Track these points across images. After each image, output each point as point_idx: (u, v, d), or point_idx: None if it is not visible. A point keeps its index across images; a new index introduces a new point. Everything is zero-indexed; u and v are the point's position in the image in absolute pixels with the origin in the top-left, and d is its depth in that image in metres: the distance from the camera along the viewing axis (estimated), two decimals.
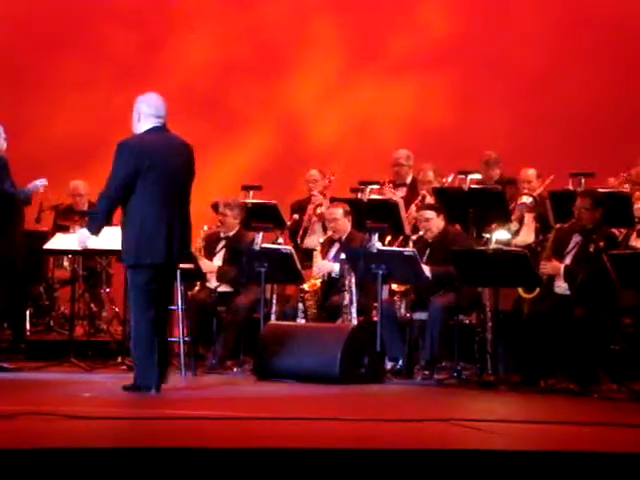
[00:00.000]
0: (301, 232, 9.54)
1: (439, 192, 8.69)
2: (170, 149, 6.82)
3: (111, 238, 8.54)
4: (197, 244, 8.93)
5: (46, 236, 8.95)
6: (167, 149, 6.82)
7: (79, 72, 11.72)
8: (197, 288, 8.86)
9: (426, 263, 8.11)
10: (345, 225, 8.74)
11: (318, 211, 9.50)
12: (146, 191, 6.65)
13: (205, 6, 11.93)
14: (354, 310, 8.26)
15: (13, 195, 7.83)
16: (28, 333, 9.41)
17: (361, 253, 8.10)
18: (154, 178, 6.69)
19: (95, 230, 6.69)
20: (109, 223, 6.86)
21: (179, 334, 8.20)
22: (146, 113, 6.87)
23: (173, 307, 8.22)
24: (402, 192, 9.47)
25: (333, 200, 9.15)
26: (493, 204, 8.34)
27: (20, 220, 8.03)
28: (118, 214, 7.14)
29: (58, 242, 8.68)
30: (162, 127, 6.86)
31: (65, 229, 9.31)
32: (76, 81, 11.72)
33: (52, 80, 11.67)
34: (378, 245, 8.13)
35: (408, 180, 9.63)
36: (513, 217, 8.51)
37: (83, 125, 11.67)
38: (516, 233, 8.47)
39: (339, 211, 8.73)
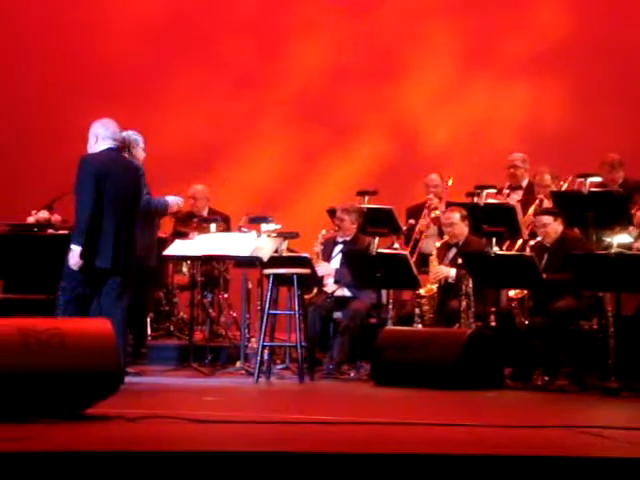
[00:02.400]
0: (417, 237, 9.51)
1: (557, 196, 8.58)
2: (123, 168, 7.36)
3: (228, 244, 8.68)
4: (314, 248, 8.98)
5: (166, 242, 9.09)
6: (121, 168, 7.35)
7: (195, 81, 11.89)
8: (314, 293, 8.90)
9: (545, 268, 8.02)
10: (462, 229, 8.69)
11: (432, 215, 9.46)
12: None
13: (320, 13, 11.99)
14: (471, 315, 8.21)
15: (148, 203, 7.99)
16: (149, 338, 9.58)
17: (477, 258, 8.06)
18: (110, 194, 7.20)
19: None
20: None
21: (296, 339, 8.26)
22: (103, 135, 7.31)
23: (290, 312, 8.30)
24: (518, 195, 9.37)
25: (449, 205, 9.11)
26: (614, 207, 8.21)
27: (152, 228, 8.17)
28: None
29: (177, 248, 8.83)
30: (116, 149, 7.37)
31: (184, 235, 9.44)
32: (192, 90, 11.90)
33: (168, 89, 11.87)
34: (495, 250, 8.07)
35: (524, 183, 9.53)
36: (635, 221, 8.35)
37: (199, 133, 11.84)
38: (638, 237, 8.31)
39: (456, 215, 8.69)
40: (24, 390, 5.50)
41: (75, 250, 7.08)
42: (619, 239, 8.11)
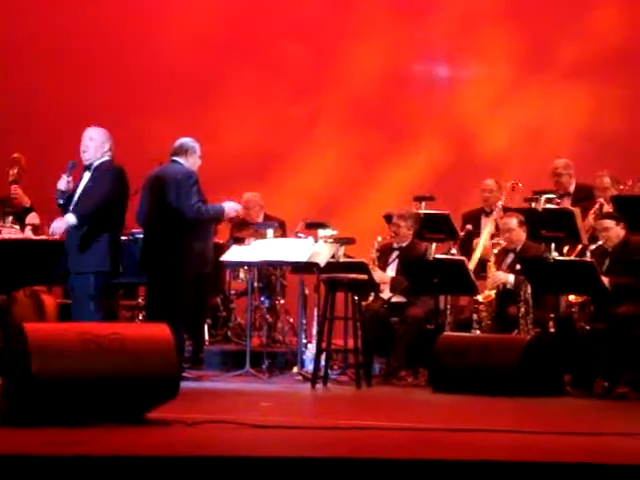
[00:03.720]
0: (474, 242, 9.45)
1: (619, 200, 8.49)
2: None
3: (285, 250, 8.70)
4: (371, 255, 8.96)
5: (223, 248, 9.12)
6: None
7: (253, 86, 11.94)
8: (371, 299, 8.88)
9: (606, 273, 7.94)
10: (520, 235, 8.63)
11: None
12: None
13: (377, 18, 11.97)
14: (530, 321, 8.15)
15: (199, 210, 8.02)
16: (207, 344, 9.62)
17: (536, 263, 8.00)
18: None
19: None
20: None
21: (353, 345, 8.24)
22: (110, 146, 7.54)
23: (347, 317, 8.28)
24: (567, 202, 9.28)
25: (507, 210, 9.05)
26: None
27: (207, 233, 8.20)
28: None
29: (234, 254, 8.85)
30: None
31: (241, 241, 9.47)
32: (250, 95, 11.94)
33: (226, 95, 11.92)
34: (554, 255, 8.00)
35: (571, 189, 9.45)
36: None
37: (257, 139, 11.88)
38: None
39: (513, 221, 8.63)
40: (84, 394, 5.54)
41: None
42: None
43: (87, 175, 7.51)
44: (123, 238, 8.03)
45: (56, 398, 5.48)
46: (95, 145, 7.48)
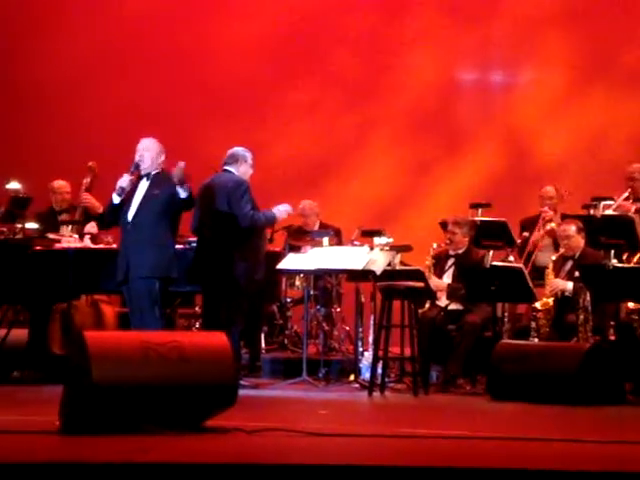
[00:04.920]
0: (531, 249, 9.39)
1: None
2: None
3: (341, 257, 8.69)
4: (426, 262, 8.93)
5: (279, 256, 9.14)
6: None
7: (307, 95, 11.96)
8: (427, 306, 8.85)
9: None
10: (578, 242, 8.55)
11: (547, 227, 9.33)
12: None
13: (432, 25, 11.95)
14: (589, 329, 8.07)
15: (252, 217, 8.06)
16: (263, 351, 9.63)
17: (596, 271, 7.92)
18: None
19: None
20: None
21: (410, 352, 8.21)
22: (164, 157, 7.70)
23: (403, 325, 8.24)
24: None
25: (565, 217, 8.98)
26: None
27: (260, 242, 8.24)
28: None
29: (290, 262, 8.87)
30: None
31: (297, 249, 9.48)
32: (305, 104, 11.97)
33: (281, 104, 11.96)
34: (614, 262, 7.92)
35: None
36: None
37: (312, 147, 11.90)
38: None
39: (572, 228, 8.56)
40: (143, 402, 5.58)
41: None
42: None
43: (145, 183, 7.58)
44: (179, 246, 8.10)
45: (116, 406, 5.52)
46: (151, 156, 7.58)
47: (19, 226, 8.81)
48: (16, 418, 6.16)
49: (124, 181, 7.56)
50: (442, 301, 8.82)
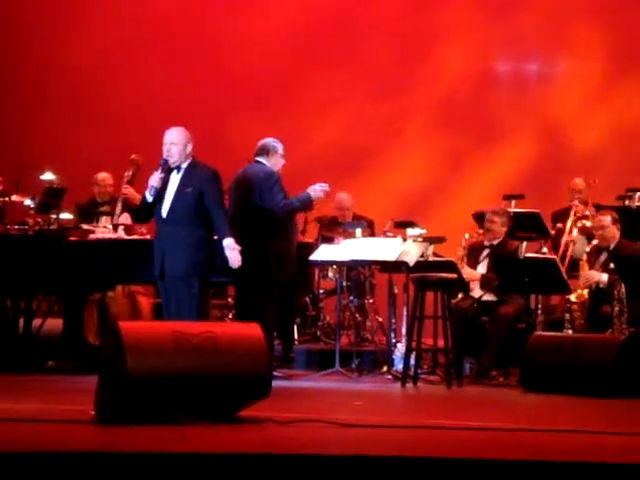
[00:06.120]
0: (563, 241, 9.34)
1: None
2: None
3: (374, 249, 8.69)
4: (458, 252, 8.90)
5: (311, 247, 9.15)
6: None
7: (339, 86, 11.95)
8: (460, 296, 8.82)
9: None
10: (614, 233, 8.50)
11: (579, 224, 9.27)
12: None
13: (464, 16, 11.91)
14: (624, 321, 8.02)
15: (285, 206, 8.05)
16: (296, 343, 9.65)
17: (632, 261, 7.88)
18: None
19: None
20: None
21: (443, 344, 8.20)
22: (192, 146, 7.57)
23: (436, 316, 8.23)
24: None
25: (599, 208, 8.93)
26: None
27: (292, 234, 8.24)
28: None
29: (323, 253, 8.87)
30: None
31: (330, 240, 9.48)
32: (336, 95, 11.96)
33: (312, 95, 11.96)
34: None
35: None
36: None
37: (344, 138, 11.89)
38: None
39: (607, 219, 8.51)
40: (177, 393, 5.60)
41: None
42: None
43: (177, 177, 7.55)
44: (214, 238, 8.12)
45: (150, 396, 5.54)
46: (179, 148, 7.51)
47: (54, 217, 8.87)
48: (51, 407, 6.20)
49: (155, 180, 7.51)
50: (475, 292, 8.80)
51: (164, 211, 7.49)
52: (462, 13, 11.93)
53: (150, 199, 7.53)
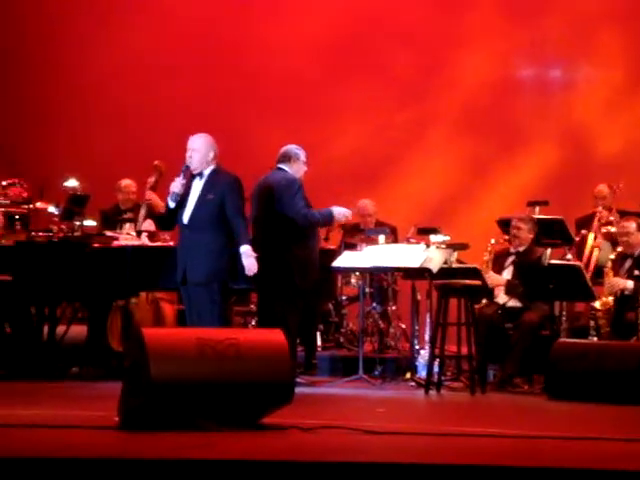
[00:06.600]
0: (590, 249, 9.30)
1: None
2: None
3: (397, 255, 8.68)
4: (484, 257, 8.87)
5: (334, 254, 9.15)
6: None
7: (362, 93, 11.95)
8: (484, 302, 8.79)
9: None
10: (639, 239, 8.46)
11: (604, 230, 9.24)
12: None
13: (486, 22, 11.88)
14: None
15: (305, 216, 8.04)
16: (319, 349, 9.64)
17: None
18: None
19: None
20: None
21: (466, 351, 8.18)
22: (215, 153, 7.59)
23: (460, 323, 8.21)
24: None
25: (623, 214, 8.88)
26: None
27: (313, 240, 8.23)
28: None
29: (346, 260, 8.87)
30: None
31: (352, 247, 9.47)
32: (359, 102, 11.95)
33: (335, 102, 11.95)
34: None
35: None
36: None
37: (367, 145, 11.89)
38: None
39: (632, 225, 8.47)
40: (200, 399, 5.60)
41: None
42: None
43: (199, 183, 7.57)
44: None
45: (173, 403, 5.55)
46: (200, 155, 7.53)
47: (78, 223, 8.90)
48: (76, 413, 6.22)
49: (176, 186, 7.54)
50: (500, 298, 8.77)
51: (186, 217, 7.52)
52: (484, 20, 11.90)
53: (172, 205, 7.56)
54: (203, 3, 12.21)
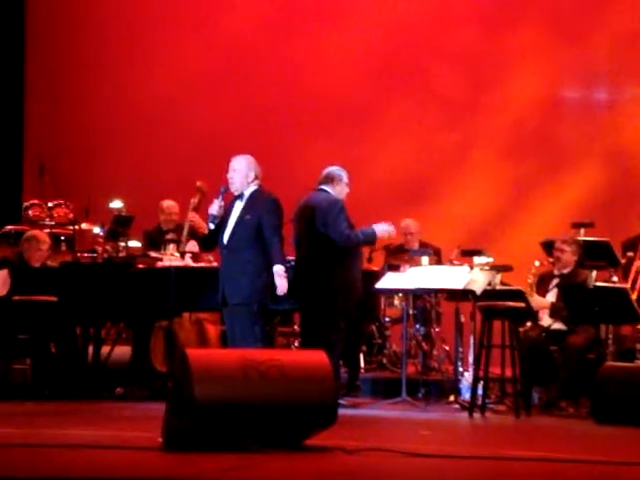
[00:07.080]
0: (637, 271, 9.20)
1: None
2: None
3: (440, 277, 8.64)
4: (528, 280, 8.81)
5: (378, 275, 9.12)
6: None
7: (407, 113, 11.94)
8: (528, 324, 8.72)
9: None
10: None
11: None
12: None
13: (534, 42, 11.82)
14: None
15: (348, 237, 8.02)
16: (362, 371, 9.61)
17: None
18: None
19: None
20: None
21: (511, 373, 8.12)
22: (256, 173, 7.62)
23: (504, 346, 8.14)
24: None
25: None
26: None
27: (356, 261, 8.20)
28: None
29: (389, 281, 8.84)
30: None
31: (396, 268, 9.44)
32: (405, 121, 11.94)
33: (380, 121, 11.95)
34: None
35: None
36: None
37: (411, 165, 11.87)
38: None
39: None
40: (244, 420, 5.60)
41: None
42: None
43: (239, 204, 7.60)
44: None
45: (217, 424, 5.55)
46: (240, 176, 7.57)
47: (122, 244, 8.95)
48: (120, 434, 6.24)
49: (214, 208, 7.58)
50: (544, 320, 8.70)
51: (225, 238, 7.56)
52: (531, 40, 11.85)
53: (212, 226, 7.60)
54: (249, 24, 12.27)
